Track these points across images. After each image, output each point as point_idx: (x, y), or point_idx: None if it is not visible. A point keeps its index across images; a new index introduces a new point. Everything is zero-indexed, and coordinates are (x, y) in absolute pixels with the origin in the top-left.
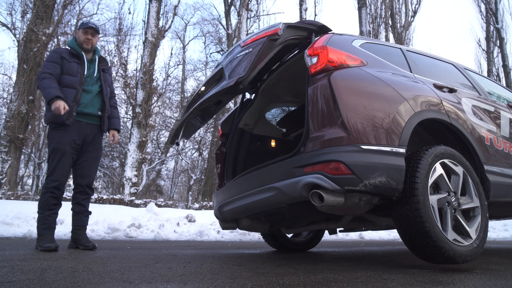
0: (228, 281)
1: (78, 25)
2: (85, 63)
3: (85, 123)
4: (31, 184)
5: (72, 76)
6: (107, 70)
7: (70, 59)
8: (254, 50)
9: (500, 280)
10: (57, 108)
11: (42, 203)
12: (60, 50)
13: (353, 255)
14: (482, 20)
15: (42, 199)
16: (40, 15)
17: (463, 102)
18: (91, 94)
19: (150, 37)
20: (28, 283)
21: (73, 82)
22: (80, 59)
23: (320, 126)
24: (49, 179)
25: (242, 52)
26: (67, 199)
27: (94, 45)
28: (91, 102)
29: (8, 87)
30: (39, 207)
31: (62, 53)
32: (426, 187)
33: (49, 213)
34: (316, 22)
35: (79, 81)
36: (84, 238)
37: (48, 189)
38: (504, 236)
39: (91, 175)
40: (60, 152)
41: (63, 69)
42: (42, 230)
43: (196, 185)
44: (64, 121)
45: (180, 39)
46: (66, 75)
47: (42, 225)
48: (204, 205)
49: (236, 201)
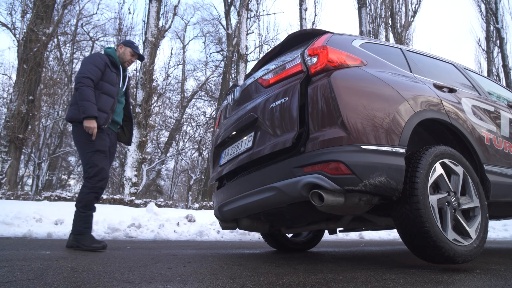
0: (228, 281)
1: (126, 40)
2: (121, 76)
3: (112, 131)
4: (31, 184)
5: (112, 86)
6: (129, 85)
7: (112, 68)
8: (292, 101)
9: (500, 280)
10: (90, 128)
11: (85, 203)
12: (104, 58)
13: (353, 255)
14: (482, 20)
15: (86, 198)
16: (40, 15)
17: (463, 102)
18: (121, 104)
19: (150, 37)
20: (28, 283)
21: (113, 92)
22: (118, 71)
23: (320, 126)
24: (94, 179)
25: (278, 102)
26: (67, 198)
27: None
28: (120, 112)
29: (8, 87)
30: (81, 206)
31: (106, 61)
32: (426, 187)
33: (90, 212)
34: (320, 30)
35: (117, 92)
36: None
37: (93, 189)
38: (504, 236)
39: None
40: (103, 153)
41: (104, 76)
42: (85, 229)
43: (196, 185)
44: (101, 125)
45: (180, 39)
46: (107, 83)
47: (84, 224)
48: (204, 205)
49: (236, 201)
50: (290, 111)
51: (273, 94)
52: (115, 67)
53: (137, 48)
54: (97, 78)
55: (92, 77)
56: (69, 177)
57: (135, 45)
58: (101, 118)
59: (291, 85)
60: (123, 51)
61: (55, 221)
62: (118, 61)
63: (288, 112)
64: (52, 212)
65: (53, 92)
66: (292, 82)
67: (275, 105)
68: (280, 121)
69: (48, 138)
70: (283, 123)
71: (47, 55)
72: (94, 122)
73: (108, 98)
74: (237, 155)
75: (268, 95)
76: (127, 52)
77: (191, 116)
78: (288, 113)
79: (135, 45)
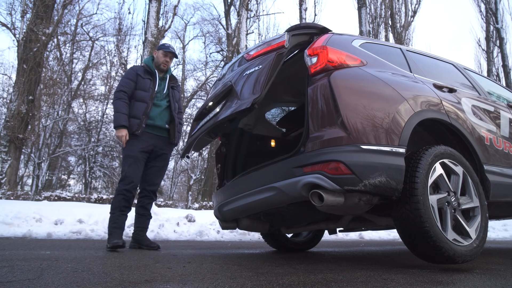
0: (228, 281)
1: (159, 45)
2: (157, 80)
3: (153, 135)
4: (31, 184)
5: (144, 92)
6: (176, 88)
7: (144, 75)
8: (264, 67)
9: (500, 280)
10: (119, 137)
11: (115, 205)
12: (137, 68)
13: (353, 255)
14: (482, 20)
15: (115, 200)
16: (40, 15)
17: (463, 102)
18: (160, 108)
19: (150, 37)
20: (28, 283)
21: (145, 97)
22: (153, 76)
23: (320, 126)
24: (122, 183)
25: (252, 69)
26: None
27: (169, 66)
28: (159, 116)
29: (8, 87)
30: (111, 208)
31: (137, 71)
32: (426, 187)
33: (120, 213)
34: (317, 25)
35: (150, 96)
36: (146, 238)
37: (120, 191)
38: (504, 236)
39: (157, 183)
40: (132, 158)
41: (137, 85)
42: (112, 229)
43: (196, 185)
44: (134, 132)
45: (180, 39)
46: (139, 90)
47: (113, 224)
48: (204, 205)
49: (236, 201)
50: (259, 77)
51: (251, 64)
52: (148, 73)
53: (167, 48)
54: (130, 88)
55: (124, 89)
56: (69, 177)
57: (165, 46)
58: (133, 125)
59: (269, 55)
60: (157, 55)
61: (55, 221)
62: (152, 66)
63: (258, 77)
64: (52, 212)
65: (53, 92)
66: (270, 53)
67: (248, 72)
68: (248, 86)
69: (48, 138)
70: (250, 87)
71: (47, 55)
72: (123, 131)
73: (140, 104)
74: (205, 123)
75: (247, 65)
76: (159, 55)
77: (191, 116)
78: (257, 78)
79: (166, 45)
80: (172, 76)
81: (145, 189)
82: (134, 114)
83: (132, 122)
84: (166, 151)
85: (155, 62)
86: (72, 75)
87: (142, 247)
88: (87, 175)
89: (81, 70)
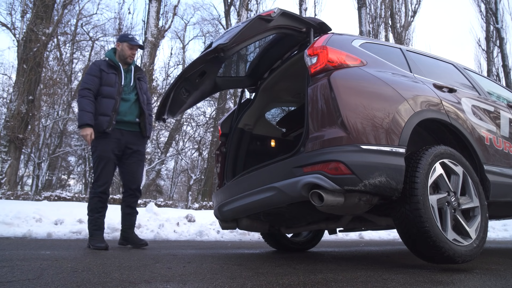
0: (228, 281)
1: (120, 35)
2: (122, 74)
3: (125, 131)
4: (31, 184)
5: (111, 87)
6: (143, 78)
7: (108, 70)
8: (242, 24)
9: (500, 280)
10: (84, 136)
11: (91, 207)
12: (99, 63)
13: (353, 255)
14: (482, 20)
15: (91, 203)
16: (40, 15)
17: (463, 102)
18: (128, 102)
19: (150, 37)
20: (27, 283)
21: (112, 93)
22: (117, 70)
23: (320, 126)
24: (95, 184)
25: (232, 27)
26: (66, 198)
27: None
28: (129, 110)
29: (8, 87)
30: (88, 210)
31: (100, 66)
32: (426, 187)
33: (98, 215)
34: (316, 19)
35: (117, 91)
36: (134, 236)
37: (95, 194)
38: (504, 236)
39: (138, 179)
40: (105, 159)
41: (102, 81)
42: (93, 231)
43: (196, 185)
44: (105, 130)
45: (180, 39)
46: (105, 86)
47: (93, 227)
48: (204, 205)
49: (236, 201)
50: (234, 29)
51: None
52: (112, 67)
53: (132, 40)
54: (95, 85)
55: (88, 86)
56: (69, 177)
57: (129, 37)
58: (103, 122)
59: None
60: (121, 47)
61: (55, 221)
62: (115, 60)
63: (232, 30)
64: (52, 212)
65: (53, 92)
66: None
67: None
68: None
69: (48, 138)
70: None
71: (47, 55)
72: (87, 129)
73: (108, 100)
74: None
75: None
76: (124, 48)
77: (191, 116)
78: (231, 31)
79: (129, 37)
80: (137, 66)
81: (129, 188)
82: (103, 112)
83: (102, 120)
84: (140, 147)
85: (119, 55)
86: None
87: (130, 245)
88: (87, 175)
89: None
